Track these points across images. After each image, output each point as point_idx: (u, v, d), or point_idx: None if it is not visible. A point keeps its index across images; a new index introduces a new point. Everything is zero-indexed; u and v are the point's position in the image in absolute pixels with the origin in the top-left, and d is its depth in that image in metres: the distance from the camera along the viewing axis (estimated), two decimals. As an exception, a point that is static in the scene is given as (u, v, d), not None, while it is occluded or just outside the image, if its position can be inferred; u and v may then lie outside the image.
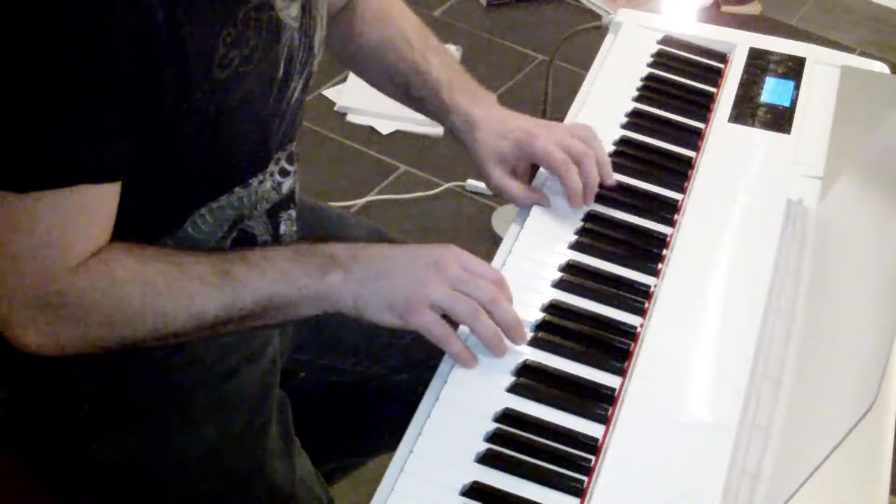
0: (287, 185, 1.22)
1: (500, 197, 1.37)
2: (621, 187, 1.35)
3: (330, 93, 2.78)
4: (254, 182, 1.17)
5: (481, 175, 1.35)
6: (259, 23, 1.07)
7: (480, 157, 1.33)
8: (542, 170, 1.35)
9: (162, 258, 1.07)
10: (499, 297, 1.10)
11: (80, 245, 1.03)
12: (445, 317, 1.10)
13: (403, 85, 1.38)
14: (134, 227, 1.07)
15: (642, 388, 1.11)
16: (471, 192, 2.61)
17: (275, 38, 1.10)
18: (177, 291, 1.05)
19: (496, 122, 1.34)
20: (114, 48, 0.96)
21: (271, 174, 1.19)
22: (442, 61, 1.38)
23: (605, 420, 1.09)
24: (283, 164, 1.21)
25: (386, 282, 1.09)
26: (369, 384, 1.54)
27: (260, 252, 1.11)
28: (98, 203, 1.03)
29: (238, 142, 1.12)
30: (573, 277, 1.23)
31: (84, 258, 1.03)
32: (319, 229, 1.43)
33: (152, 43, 0.98)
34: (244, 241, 1.20)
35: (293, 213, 1.25)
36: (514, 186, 1.32)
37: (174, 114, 1.03)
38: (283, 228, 1.24)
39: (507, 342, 1.12)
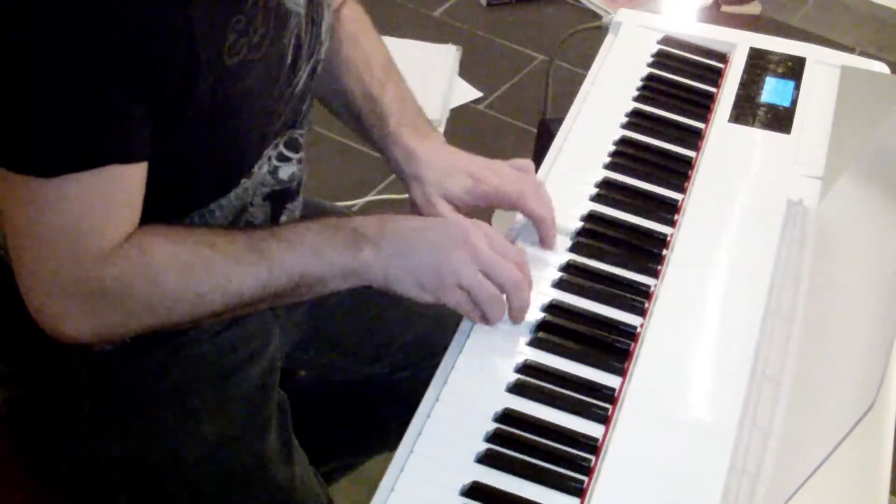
0: (286, 171, 1.21)
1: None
2: (621, 187, 1.35)
3: (330, 93, 2.79)
4: (255, 169, 1.17)
5: (420, 209, 1.31)
6: (267, 10, 1.07)
7: (425, 194, 1.30)
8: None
9: (196, 239, 1.07)
10: (521, 284, 1.12)
11: (113, 228, 1.02)
12: None
13: (355, 109, 1.36)
14: (144, 219, 1.07)
15: (642, 388, 1.11)
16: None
17: (282, 25, 1.10)
18: (213, 273, 1.05)
19: (441, 161, 1.31)
20: (127, 32, 0.96)
21: (269, 158, 1.18)
22: (397, 95, 1.36)
23: (605, 420, 1.09)
24: (282, 149, 1.20)
25: (416, 258, 1.09)
26: (369, 383, 1.54)
27: (290, 228, 1.11)
28: (127, 184, 1.02)
29: (245, 130, 1.12)
30: (573, 277, 1.23)
31: (118, 242, 1.03)
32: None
33: (163, 29, 0.98)
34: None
35: (297, 205, 1.25)
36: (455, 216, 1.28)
37: (182, 103, 1.02)
38: (283, 218, 1.23)
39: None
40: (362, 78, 1.35)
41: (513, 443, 1.05)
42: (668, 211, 1.33)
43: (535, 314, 1.18)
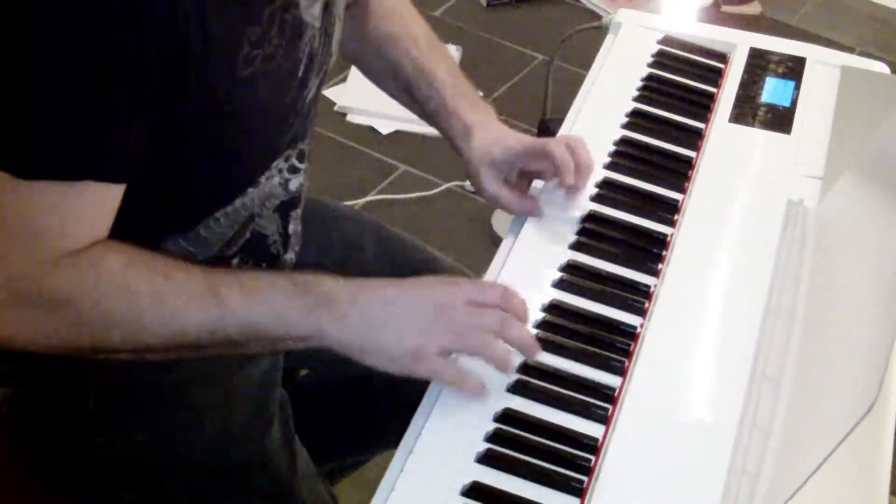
0: (295, 182, 1.21)
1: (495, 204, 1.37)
2: (621, 187, 1.35)
3: (330, 93, 2.78)
4: (262, 179, 1.16)
5: (473, 182, 1.35)
6: (283, 22, 1.07)
7: (474, 164, 1.33)
8: (535, 183, 1.35)
9: (152, 266, 1.04)
10: (508, 323, 1.08)
11: (70, 239, 1.01)
12: None
13: (406, 82, 1.38)
14: (147, 227, 1.07)
15: (642, 388, 1.11)
16: (471, 192, 2.61)
17: (297, 38, 1.10)
18: (158, 303, 1.02)
19: (491, 132, 1.34)
20: (142, 43, 0.95)
21: (280, 171, 1.18)
22: (448, 66, 1.38)
23: (605, 420, 1.09)
24: (294, 160, 1.20)
25: (387, 331, 1.05)
26: (370, 381, 1.53)
27: (256, 280, 1.07)
28: (98, 202, 1.02)
29: (256, 140, 1.11)
30: (573, 277, 1.23)
31: (72, 250, 1.01)
32: (318, 225, 1.43)
33: (180, 39, 0.97)
34: (256, 240, 1.19)
35: (300, 211, 1.25)
36: (507, 194, 1.32)
37: (195, 112, 1.02)
38: (291, 227, 1.24)
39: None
40: (411, 52, 1.37)
41: (513, 443, 1.05)
42: (668, 211, 1.33)
43: (535, 314, 1.18)
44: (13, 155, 0.98)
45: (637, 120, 1.45)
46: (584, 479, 1.03)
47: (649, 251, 1.27)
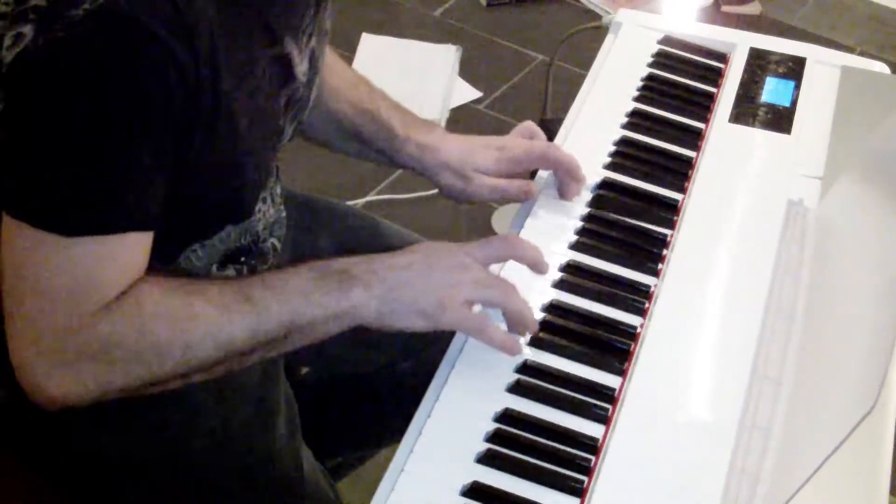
0: (262, 222, 1.23)
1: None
2: (621, 187, 1.35)
3: (330, 93, 2.79)
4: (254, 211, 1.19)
5: (452, 193, 1.36)
6: (272, 72, 1.09)
7: (458, 174, 1.34)
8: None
9: (186, 288, 1.06)
10: (508, 298, 1.13)
11: (115, 287, 1.03)
12: None
13: (351, 126, 1.38)
14: None
15: (642, 388, 1.12)
16: (471, 192, 2.60)
17: (283, 87, 1.13)
18: (201, 321, 1.04)
19: (459, 145, 1.36)
20: (169, 101, 0.97)
21: (263, 214, 1.21)
22: (390, 104, 1.39)
23: (605, 420, 1.09)
24: (271, 201, 1.23)
25: (410, 290, 1.09)
26: (372, 377, 1.54)
27: (278, 275, 1.10)
28: (139, 248, 1.03)
29: (241, 187, 1.13)
30: (573, 277, 1.23)
31: (113, 296, 1.03)
32: (314, 222, 1.43)
33: (199, 92, 0.99)
34: (232, 255, 1.20)
35: (278, 221, 1.26)
36: (501, 182, 1.34)
37: (194, 162, 1.03)
38: (261, 237, 1.24)
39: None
40: (351, 98, 1.38)
41: (513, 443, 1.05)
42: (668, 211, 1.33)
43: (535, 314, 1.18)
44: (57, 215, 0.99)
45: (637, 120, 1.45)
46: (584, 479, 1.03)
47: (649, 251, 1.27)
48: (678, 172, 1.38)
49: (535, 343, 1.15)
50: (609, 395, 1.11)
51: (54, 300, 1.01)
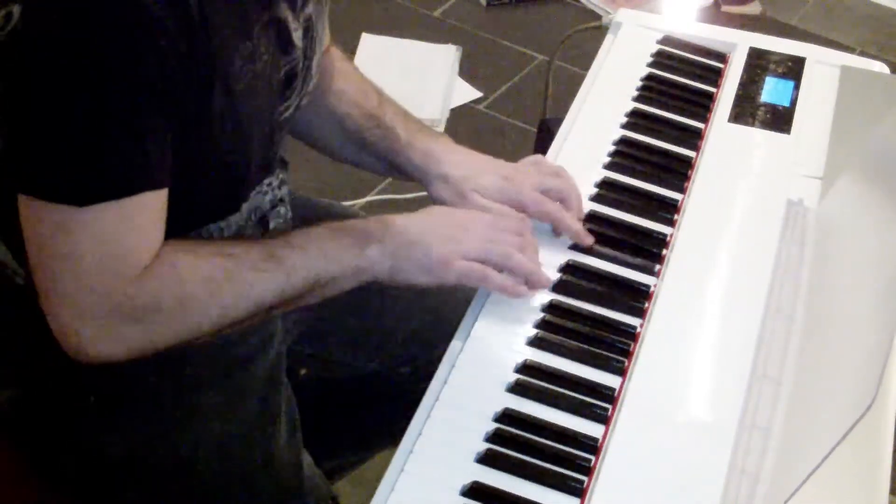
0: (281, 193, 1.24)
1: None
2: (621, 187, 1.35)
3: (330, 93, 2.79)
4: (252, 194, 1.18)
5: (445, 204, 1.31)
6: (268, 38, 1.09)
7: (457, 191, 1.30)
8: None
9: (216, 251, 1.10)
10: (524, 248, 1.18)
11: (143, 250, 1.05)
12: None
13: (355, 129, 1.36)
14: None
15: (642, 388, 1.12)
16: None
17: (283, 54, 1.13)
18: (236, 282, 1.09)
19: (465, 161, 1.32)
20: (168, 64, 0.99)
21: (272, 188, 1.22)
22: (397, 110, 1.38)
23: (605, 420, 1.09)
24: (282, 175, 1.24)
25: (419, 248, 1.15)
26: (370, 381, 1.54)
27: (301, 234, 1.15)
28: (156, 207, 1.05)
29: (247, 157, 1.13)
30: (573, 278, 1.23)
31: (148, 261, 1.05)
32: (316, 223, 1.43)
33: (192, 56, 1.00)
34: None
35: (282, 210, 1.26)
36: (502, 208, 1.28)
37: (196, 127, 1.04)
38: (271, 226, 1.24)
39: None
40: (360, 103, 1.37)
41: (513, 443, 1.05)
42: (668, 211, 1.33)
43: (535, 314, 1.18)
44: (69, 187, 1.00)
45: (637, 120, 1.45)
46: (584, 479, 1.03)
47: (649, 251, 1.27)
48: (678, 172, 1.38)
49: (535, 343, 1.15)
50: (609, 395, 1.11)
51: (86, 269, 1.02)
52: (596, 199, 1.33)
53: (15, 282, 1.15)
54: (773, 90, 1.51)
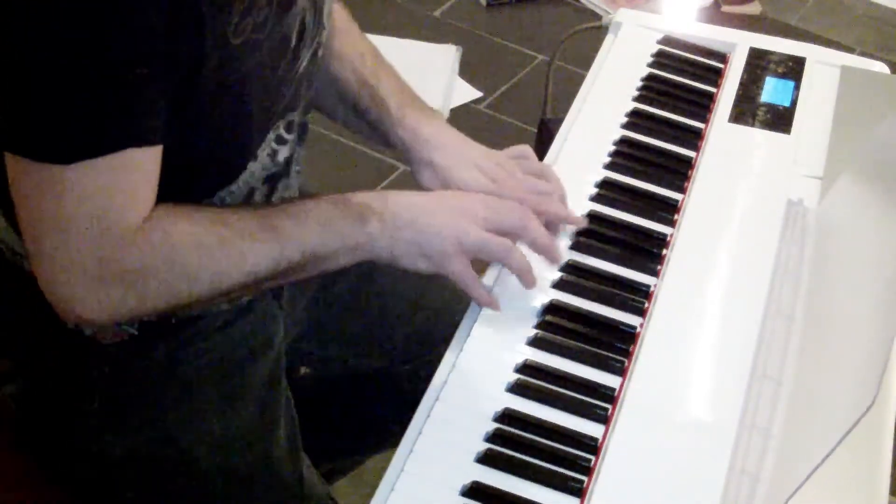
0: (283, 153, 1.20)
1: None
2: (621, 187, 1.35)
3: (330, 93, 2.78)
4: (260, 152, 1.16)
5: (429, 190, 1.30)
6: None
7: (440, 180, 1.28)
8: None
9: (211, 218, 1.08)
10: (528, 223, 1.18)
11: (134, 209, 1.02)
12: None
13: (351, 95, 1.35)
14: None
15: (642, 388, 1.11)
16: (471, 192, 2.60)
17: (287, 7, 1.10)
18: (230, 250, 1.06)
19: (452, 147, 1.30)
20: (150, 12, 0.96)
21: (269, 142, 1.17)
22: (394, 81, 1.36)
23: (605, 420, 1.09)
24: (282, 131, 1.19)
25: (418, 230, 1.13)
26: (370, 379, 1.54)
27: (298, 204, 1.12)
28: (145, 166, 1.02)
29: (251, 111, 1.11)
30: (573, 277, 1.23)
31: (139, 223, 1.03)
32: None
33: (179, 10, 0.98)
34: None
35: (290, 182, 1.23)
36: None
37: (191, 83, 1.02)
38: (276, 197, 1.23)
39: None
40: (356, 68, 1.35)
41: (513, 443, 1.05)
42: (668, 211, 1.33)
43: (535, 314, 1.18)
44: (51, 145, 0.98)
45: (637, 120, 1.45)
46: (584, 479, 1.03)
47: (649, 251, 1.27)
48: (678, 172, 1.38)
49: (535, 343, 1.15)
50: (609, 395, 1.11)
51: (74, 228, 1.00)
52: (596, 199, 1.33)
53: (23, 267, 1.13)
54: (773, 90, 1.51)
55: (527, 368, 1.12)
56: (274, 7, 1.07)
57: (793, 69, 1.55)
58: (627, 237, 1.29)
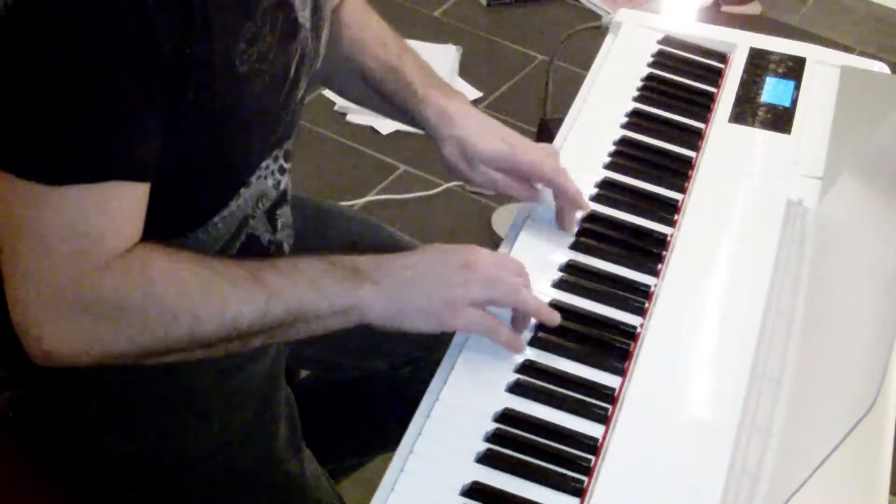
0: (284, 182, 1.22)
1: (494, 195, 1.36)
2: (621, 187, 1.35)
3: (330, 93, 2.79)
4: (253, 179, 1.17)
5: (454, 170, 1.33)
6: (275, 20, 1.08)
7: (462, 153, 1.31)
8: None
9: (195, 260, 1.05)
10: (521, 289, 1.13)
11: (113, 239, 1.01)
12: None
13: (374, 81, 1.37)
14: (147, 234, 1.07)
15: (642, 388, 1.12)
16: (471, 191, 2.61)
17: (290, 37, 1.11)
18: (211, 294, 1.03)
19: (475, 122, 1.33)
20: (155, 41, 0.96)
21: (272, 172, 1.19)
22: (416, 62, 1.38)
23: (605, 420, 1.09)
24: (282, 161, 1.21)
25: (418, 291, 1.09)
26: (370, 382, 1.54)
27: (290, 261, 1.10)
28: (129, 199, 1.02)
29: (250, 139, 1.12)
30: (573, 277, 1.23)
31: (117, 252, 1.02)
32: (319, 225, 1.43)
33: (189, 33, 0.98)
34: (251, 241, 1.19)
35: (286, 209, 1.25)
36: (501, 178, 1.30)
37: (195, 109, 1.02)
38: (279, 225, 1.24)
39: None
40: (378, 54, 1.37)
41: (513, 443, 1.05)
42: (668, 211, 1.33)
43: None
44: (39, 164, 0.98)
45: (637, 120, 1.45)
46: (584, 479, 1.03)
47: (649, 251, 1.27)
48: (678, 172, 1.38)
49: (535, 343, 1.15)
50: (609, 395, 1.11)
51: (51, 253, 0.99)
52: (596, 199, 1.33)
53: None
54: (773, 90, 1.51)
55: (527, 368, 1.12)
56: (278, 36, 1.08)
57: (793, 69, 1.55)
58: (628, 237, 1.29)
